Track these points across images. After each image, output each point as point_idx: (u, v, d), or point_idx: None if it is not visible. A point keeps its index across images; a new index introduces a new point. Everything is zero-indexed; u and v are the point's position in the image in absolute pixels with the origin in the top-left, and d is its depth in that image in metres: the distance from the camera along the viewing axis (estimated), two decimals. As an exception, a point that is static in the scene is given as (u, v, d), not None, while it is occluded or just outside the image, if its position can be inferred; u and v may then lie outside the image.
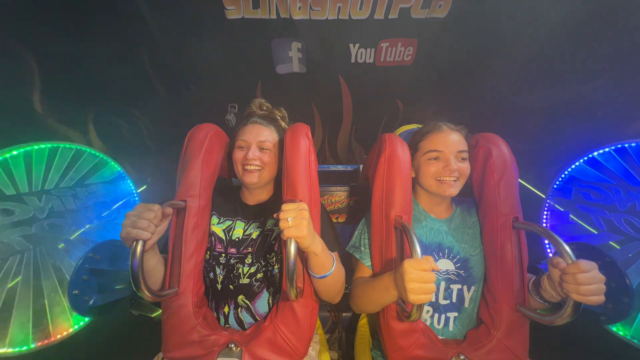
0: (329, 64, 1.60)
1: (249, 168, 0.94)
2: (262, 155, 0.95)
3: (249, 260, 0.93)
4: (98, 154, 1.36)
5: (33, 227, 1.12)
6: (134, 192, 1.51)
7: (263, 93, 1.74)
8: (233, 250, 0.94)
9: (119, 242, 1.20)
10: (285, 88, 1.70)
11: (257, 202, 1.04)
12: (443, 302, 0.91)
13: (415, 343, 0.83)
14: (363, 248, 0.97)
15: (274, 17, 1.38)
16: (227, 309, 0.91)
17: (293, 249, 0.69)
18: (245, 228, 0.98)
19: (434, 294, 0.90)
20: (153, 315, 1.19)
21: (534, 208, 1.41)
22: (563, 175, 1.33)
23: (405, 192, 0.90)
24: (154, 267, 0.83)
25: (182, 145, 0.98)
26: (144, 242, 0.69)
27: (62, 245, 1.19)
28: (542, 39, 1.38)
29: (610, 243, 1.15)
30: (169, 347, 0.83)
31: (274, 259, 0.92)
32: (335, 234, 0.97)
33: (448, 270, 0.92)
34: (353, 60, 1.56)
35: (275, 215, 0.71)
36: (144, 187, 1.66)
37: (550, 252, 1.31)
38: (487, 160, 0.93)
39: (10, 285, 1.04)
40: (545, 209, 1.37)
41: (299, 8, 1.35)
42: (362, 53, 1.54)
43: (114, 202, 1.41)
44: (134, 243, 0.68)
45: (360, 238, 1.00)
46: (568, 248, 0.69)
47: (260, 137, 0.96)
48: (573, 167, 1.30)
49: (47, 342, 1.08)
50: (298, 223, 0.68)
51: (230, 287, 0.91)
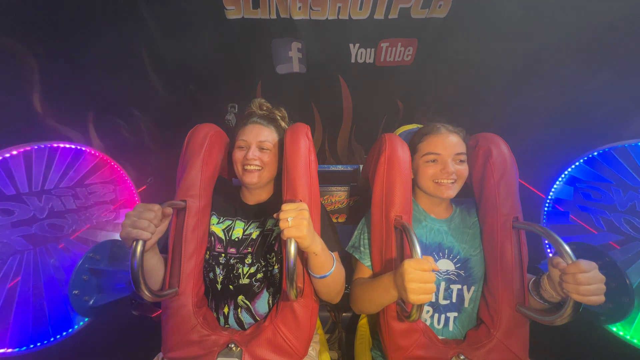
0: (329, 64, 1.60)
1: (249, 168, 0.94)
2: (262, 155, 0.95)
3: (249, 260, 0.93)
4: (98, 154, 1.36)
5: (33, 227, 1.12)
6: (134, 192, 1.51)
7: (263, 93, 1.73)
8: (233, 250, 0.94)
9: (119, 242, 1.21)
10: (285, 88, 1.70)
11: (257, 202, 1.04)
12: (443, 302, 0.91)
13: (415, 343, 0.83)
14: (363, 248, 0.97)
15: (274, 17, 1.38)
16: (227, 309, 0.91)
17: (293, 249, 0.69)
18: (245, 228, 0.98)
19: (434, 294, 0.90)
20: (153, 315, 1.19)
21: (534, 208, 1.41)
22: (563, 175, 1.33)
23: (405, 192, 0.90)
24: (154, 267, 0.83)
25: (182, 145, 0.98)
26: (144, 242, 0.69)
27: (62, 245, 1.19)
28: (542, 39, 1.38)
29: (610, 243, 1.15)
30: (169, 347, 0.83)
31: (274, 259, 0.92)
32: (335, 234, 0.97)
33: (448, 271, 0.92)
34: (353, 60, 1.56)
35: (275, 215, 0.71)
36: (144, 187, 1.66)
37: (550, 252, 1.30)
38: (487, 160, 0.93)
39: (10, 286, 1.04)
40: (545, 209, 1.37)
41: (299, 8, 1.35)
42: (362, 53, 1.54)
43: (114, 202, 1.41)
44: (134, 243, 0.68)
45: (360, 238, 1.00)
46: (568, 248, 0.69)
47: (260, 137, 0.96)
48: (573, 167, 1.30)
49: (47, 342, 1.08)
50: (298, 223, 0.68)
51: (230, 287, 0.91)
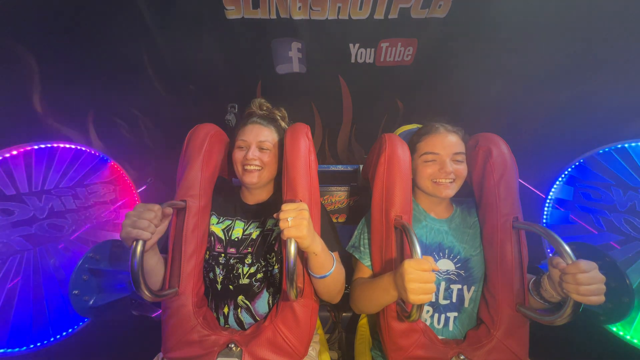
0: (329, 64, 1.60)
1: (249, 168, 0.94)
2: (261, 155, 0.95)
3: (249, 260, 0.93)
4: (98, 154, 1.36)
5: (33, 227, 1.12)
6: (134, 192, 1.51)
7: (263, 93, 1.73)
8: (232, 250, 0.94)
9: (119, 242, 1.21)
10: (285, 88, 1.70)
11: (257, 202, 1.04)
12: (443, 302, 0.91)
13: (415, 343, 0.83)
14: (363, 248, 0.97)
15: (274, 17, 1.38)
16: (226, 309, 0.91)
17: (293, 249, 0.69)
18: (245, 228, 0.98)
19: (434, 294, 0.90)
20: (153, 315, 1.19)
21: (534, 208, 1.41)
22: (563, 175, 1.33)
23: (405, 192, 0.90)
24: (154, 267, 0.83)
25: (182, 145, 0.98)
26: (144, 242, 0.69)
27: (62, 245, 1.19)
28: (542, 39, 1.38)
29: (610, 243, 1.15)
30: (169, 347, 0.83)
31: (274, 259, 0.92)
32: (336, 234, 0.97)
33: (448, 271, 0.92)
34: (353, 60, 1.56)
35: (275, 215, 0.71)
36: (144, 187, 1.66)
37: (550, 252, 1.30)
38: (487, 160, 0.93)
39: (10, 286, 1.04)
40: (545, 209, 1.36)
41: (299, 8, 1.35)
42: (362, 53, 1.54)
43: (114, 202, 1.41)
44: (134, 243, 0.68)
45: (360, 238, 1.00)
46: (568, 248, 0.69)
47: (260, 137, 0.96)
48: (573, 167, 1.30)
49: (47, 342, 1.08)
50: (298, 223, 0.68)
51: (230, 287, 0.91)
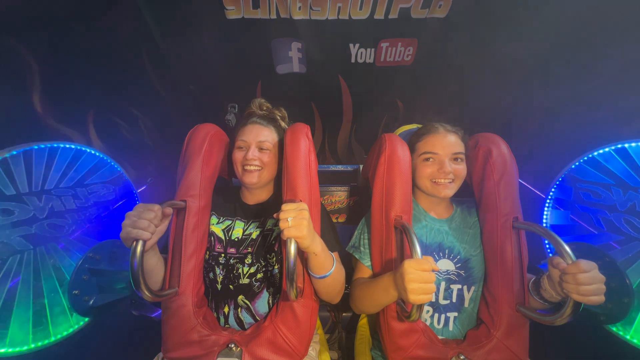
0: (329, 64, 1.60)
1: (249, 168, 0.94)
2: (261, 156, 0.95)
3: (249, 260, 0.93)
4: (98, 154, 1.35)
5: (33, 227, 1.12)
6: (134, 192, 1.51)
7: (263, 93, 1.73)
8: (232, 250, 0.94)
9: (119, 242, 1.20)
10: (285, 88, 1.70)
11: (257, 202, 1.04)
12: (443, 302, 0.91)
13: (415, 343, 0.83)
14: (363, 248, 0.97)
15: (274, 17, 1.38)
16: (227, 309, 0.91)
17: (293, 249, 0.69)
18: (245, 228, 0.98)
19: (434, 294, 0.90)
20: (153, 315, 1.19)
21: (534, 208, 1.40)
22: (563, 175, 1.33)
23: (405, 192, 0.90)
24: (154, 267, 0.83)
25: (182, 145, 0.98)
26: (144, 242, 0.69)
27: (62, 245, 1.19)
28: (542, 39, 1.38)
29: (610, 243, 1.15)
30: (169, 347, 0.83)
31: (274, 259, 0.92)
32: (335, 234, 0.97)
33: (448, 271, 0.92)
34: (353, 60, 1.56)
35: (275, 215, 0.71)
36: (144, 187, 1.66)
37: (550, 252, 1.30)
38: (487, 160, 0.93)
39: (10, 286, 1.05)
40: (545, 209, 1.36)
41: (299, 8, 1.35)
42: (362, 53, 1.54)
43: (114, 202, 1.41)
44: (134, 243, 0.68)
45: (360, 238, 1.00)
46: (568, 248, 0.69)
47: (260, 137, 0.96)
48: (573, 167, 1.30)
49: (47, 342, 1.08)
50: (298, 223, 0.68)
51: (230, 287, 0.91)
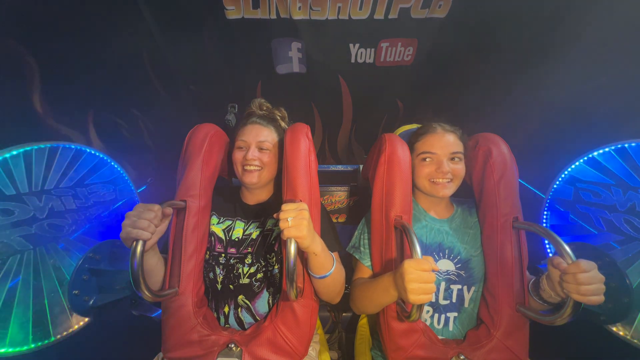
0: (329, 64, 1.60)
1: (249, 168, 0.94)
2: (261, 156, 0.95)
3: (249, 260, 0.93)
4: (98, 154, 1.35)
5: (33, 227, 1.12)
6: (134, 192, 1.51)
7: (263, 93, 1.73)
8: (233, 250, 0.94)
9: (119, 242, 1.20)
10: (285, 88, 1.70)
11: (257, 202, 1.04)
12: (443, 302, 0.91)
13: (415, 343, 0.83)
14: (363, 248, 0.97)
15: (274, 17, 1.38)
16: (227, 309, 0.91)
17: (293, 249, 0.69)
18: (245, 228, 0.98)
19: (434, 294, 0.90)
20: (153, 315, 1.19)
21: (534, 208, 1.40)
22: (563, 175, 1.33)
23: (405, 192, 0.90)
24: (154, 267, 0.83)
25: (182, 145, 0.98)
26: (144, 242, 0.69)
27: (62, 245, 1.19)
28: (542, 39, 1.38)
29: (610, 243, 1.15)
30: (169, 347, 0.83)
31: (274, 259, 0.92)
32: (335, 234, 0.97)
33: (448, 271, 0.92)
34: (353, 60, 1.56)
35: (275, 215, 0.71)
36: (144, 187, 1.66)
37: (550, 252, 1.30)
38: (487, 160, 0.93)
39: (10, 285, 1.05)
40: (545, 209, 1.36)
41: (299, 8, 1.35)
42: (362, 53, 1.54)
43: (114, 202, 1.41)
44: (134, 243, 0.68)
45: (360, 238, 1.00)
46: (568, 248, 0.69)
47: (260, 137, 0.96)
48: (573, 167, 1.30)
49: (47, 342, 1.08)
50: (298, 223, 0.68)
51: (230, 287, 0.91)
